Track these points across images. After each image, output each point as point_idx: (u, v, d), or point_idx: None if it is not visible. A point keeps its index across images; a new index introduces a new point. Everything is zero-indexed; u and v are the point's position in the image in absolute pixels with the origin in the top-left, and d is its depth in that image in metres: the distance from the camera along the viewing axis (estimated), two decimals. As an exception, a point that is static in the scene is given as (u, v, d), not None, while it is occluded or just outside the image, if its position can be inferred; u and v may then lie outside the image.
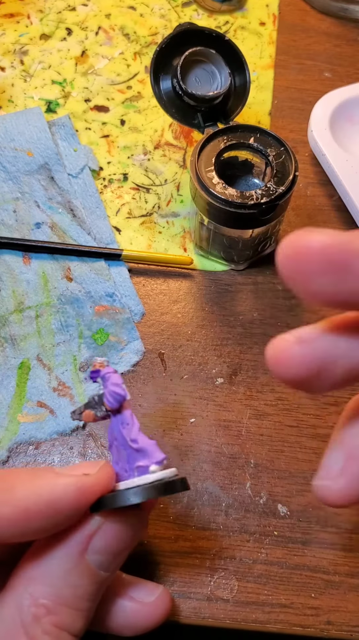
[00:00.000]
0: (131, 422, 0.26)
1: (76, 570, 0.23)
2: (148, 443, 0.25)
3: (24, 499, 0.22)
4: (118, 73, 0.47)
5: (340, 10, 0.51)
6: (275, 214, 0.35)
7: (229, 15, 0.50)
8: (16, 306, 0.37)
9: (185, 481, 0.25)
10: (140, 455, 0.25)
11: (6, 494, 0.22)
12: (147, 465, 0.25)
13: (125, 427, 0.26)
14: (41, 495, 0.22)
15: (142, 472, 0.25)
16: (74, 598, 0.23)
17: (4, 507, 0.22)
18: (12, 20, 0.49)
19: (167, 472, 0.25)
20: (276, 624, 0.30)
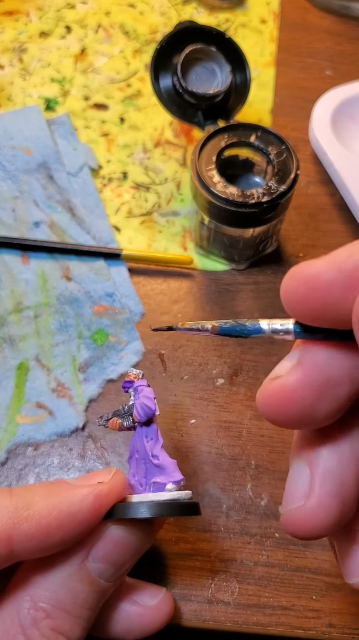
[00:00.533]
0: (155, 437, 0.26)
1: (76, 577, 0.23)
2: (169, 461, 0.26)
3: (45, 515, 0.22)
4: (117, 71, 0.47)
5: (341, 8, 0.50)
6: (276, 213, 0.35)
7: (230, 13, 0.50)
8: (15, 306, 0.37)
9: (197, 506, 0.25)
10: (159, 472, 0.25)
11: (26, 511, 0.22)
12: (164, 483, 0.25)
13: (149, 441, 0.26)
14: (61, 510, 0.22)
15: (157, 488, 0.25)
16: (73, 604, 0.23)
17: (25, 524, 0.22)
18: (11, 18, 0.49)
19: (182, 494, 0.25)
20: (277, 627, 0.30)
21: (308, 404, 0.17)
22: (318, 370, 0.17)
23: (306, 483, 0.19)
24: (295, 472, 0.19)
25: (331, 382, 0.17)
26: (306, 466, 0.19)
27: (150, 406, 0.26)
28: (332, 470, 0.18)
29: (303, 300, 0.16)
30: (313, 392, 0.17)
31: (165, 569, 0.31)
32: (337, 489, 0.18)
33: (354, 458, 0.19)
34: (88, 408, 0.35)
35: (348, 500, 0.18)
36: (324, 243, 0.40)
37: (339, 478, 0.18)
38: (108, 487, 0.24)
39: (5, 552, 0.22)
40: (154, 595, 0.27)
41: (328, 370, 0.17)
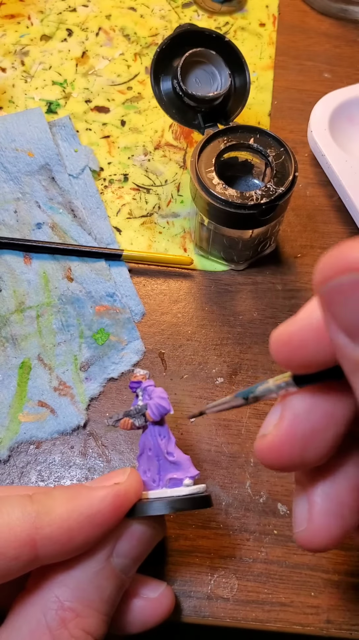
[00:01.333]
0: (168, 435, 0.27)
1: (102, 574, 0.24)
2: (184, 458, 0.27)
3: (66, 519, 0.23)
4: (118, 74, 0.47)
5: (340, 11, 0.51)
6: (275, 215, 0.35)
7: (229, 16, 0.50)
8: (17, 306, 0.37)
9: (210, 498, 0.26)
10: (174, 468, 0.26)
11: (47, 516, 0.23)
12: (181, 479, 0.26)
13: (163, 439, 0.27)
14: (81, 513, 0.23)
15: (174, 484, 0.26)
16: (101, 602, 0.24)
17: (48, 528, 0.22)
18: (13, 21, 0.49)
19: (199, 488, 0.26)
20: (276, 623, 0.30)
21: (296, 455, 0.19)
22: (300, 424, 0.19)
23: (305, 510, 0.20)
24: (297, 499, 0.21)
25: (315, 431, 0.18)
26: (304, 495, 0.21)
27: (165, 406, 0.26)
28: (329, 493, 0.20)
29: (290, 357, 0.18)
30: (298, 444, 0.19)
31: (164, 566, 0.31)
32: (334, 509, 0.20)
33: (349, 478, 0.20)
34: (90, 406, 0.35)
35: (347, 516, 0.20)
36: (322, 244, 0.41)
37: (336, 499, 0.20)
38: (125, 487, 0.24)
39: (30, 557, 0.22)
40: (155, 588, 0.28)
41: (310, 420, 0.19)
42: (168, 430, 0.27)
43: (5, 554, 0.22)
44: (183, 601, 0.30)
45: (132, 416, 0.27)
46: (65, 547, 0.23)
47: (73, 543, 0.23)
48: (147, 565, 0.31)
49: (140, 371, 0.27)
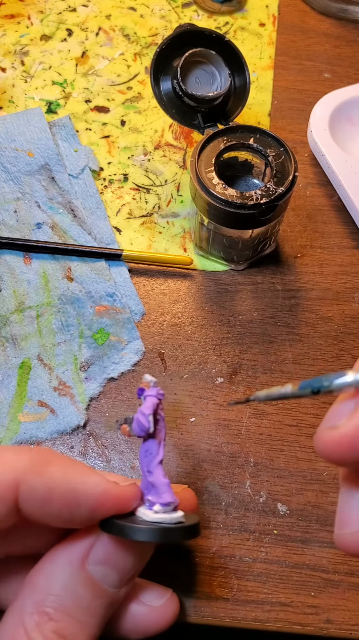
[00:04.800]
0: (154, 452, 0.25)
1: (77, 580, 0.24)
2: (162, 481, 0.25)
3: (54, 479, 0.23)
4: (118, 74, 0.47)
5: (340, 11, 0.51)
6: (275, 215, 0.35)
7: (229, 16, 0.50)
8: (17, 306, 0.37)
9: (189, 530, 0.24)
10: (152, 489, 0.25)
11: (40, 467, 0.23)
12: (153, 502, 0.25)
13: (148, 456, 0.25)
14: (70, 482, 0.23)
15: (150, 506, 0.25)
16: (77, 609, 0.23)
17: (35, 478, 0.22)
18: (13, 21, 0.49)
19: (169, 517, 0.24)
20: (275, 623, 0.30)
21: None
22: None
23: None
24: (348, 499, 0.21)
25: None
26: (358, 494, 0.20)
27: (144, 423, 0.25)
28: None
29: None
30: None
31: (164, 566, 0.31)
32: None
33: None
34: (90, 406, 0.35)
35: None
36: (322, 244, 0.41)
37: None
38: (119, 491, 0.24)
39: (11, 499, 0.22)
40: (160, 595, 0.27)
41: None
42: (158, 447, 0.25)
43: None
44: (183, 601, 0.30)
45: (129, 423, 0.26)
46: (42, 505, 0.23)
47: (49, 506, 0.23)
48: (145, 565, 0.31)
49: (147, 377, 0.26)
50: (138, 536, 0.23)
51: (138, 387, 0.26)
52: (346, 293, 0.39)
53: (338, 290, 0.39)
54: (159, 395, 0.26)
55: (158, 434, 0.25)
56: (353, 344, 0.37)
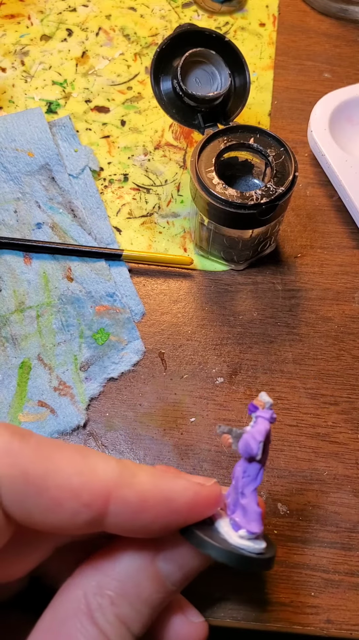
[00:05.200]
0: (254, 476, 0.25)
1: (144, 572, 0.24)
2: (254, 509, 0.24)
3: (146, 489, 0.22)
4: (118, 74, 0.47)
5: (340, 11, 0.51)
6: (275, 214, 0.35)
7: (229, 16, 0.51)
8: (17, 306, 0.37)
9: (268, 562, 0.24)
10: (242, 511, 0.25)
11: (129, 478, 0.22)
12: (239, 526, 0.24)
13: (245, 478, 0.25)
14: (161, 491, 0.22)
15: (235, 526, 0.24)
16: (137, 598, 0.23)
17: (127, 489, 0.22)
18: (13, 21, 0.49)
19: (252, 546, 0.24)
20: (276, 623, 0.30)
21: None
22: None
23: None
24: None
25: None
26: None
27: (253, 448, 0.24)
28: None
29: None
30: None
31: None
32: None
33: None
34: (90, 406, 0.35)
35: None
36: (322, 244, 0.41)
37: None
38: (208, 491, 0.24)
39: (100, 511, 0.22)
40: (198, 614, 0.27)
41: None
42: (258, 472, 0.25)
43: (79, 497, 0.21)
44: (183, 601, 0.31)
45: (233, 436, 0.25)
46: (134, 518, 0.22)
47: (142, 517, 0.22)
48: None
49: (264, 396, 0.25)
50: (219, 556, 0.23)
51: (251, 402, 0.25)
52: (346, 293, 0.39)
53: (338, 290, 0.39)
54: (272, 420, 0.25)
55: (262, 459, 0.25)
56: (353, 344, 0.37)
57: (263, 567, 0.25)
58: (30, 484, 0.21)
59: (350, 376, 0.36)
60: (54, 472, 0.21)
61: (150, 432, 0.34)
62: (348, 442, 0.35)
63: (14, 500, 0.21)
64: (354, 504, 0.33)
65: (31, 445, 0.22)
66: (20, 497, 0.21)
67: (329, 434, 0.35)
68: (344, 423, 0.35)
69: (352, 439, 0.35)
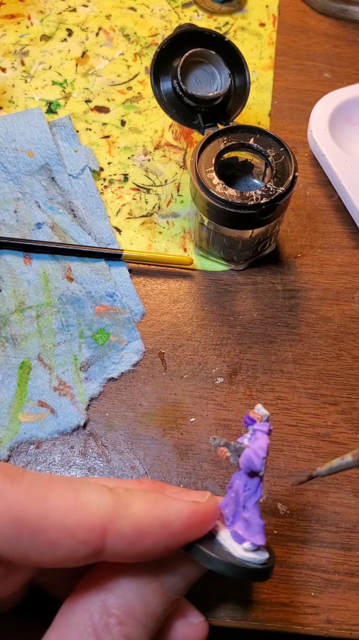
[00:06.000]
0: (254, 489, 0.25)
1: (149, 587, 0.24)
2: (257, 522, 0.25)
3: (141, 518, 0.22)
4: (118, 74, 0.47)
5: (340, 11, 0.51)
6: (275, 215, 0.35)
7: (229, 16, 0.51)
8: (17, 306, 0.37)
9: (269, 571, 0.25)
10: (244, 525, 0.25)
11: (124, 510, 0.22)
12: (243, 539, 0.25)
13: (246, 491, 0.25)
14: (157, 517, 0.23)
15: (238, 539, 0.25)
16: (144, 614, 0.23)
17: (122, 521, 0.22)
18: (13, 21, 0.49)
19: (257, 558, 0.24)
20: (276, 623, 0.30)
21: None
22: None
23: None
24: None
25: None
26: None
27: (256, 464, 0.24)
28: None
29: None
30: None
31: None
32: None
33: None
34: (90, 406, 0.35)
35: None
36: (322, 244, 0.41)
37: None
38: (204, 508, 0.24)
39: (97, 546, 0.22)
40: (198, 615, 0.28)
41: None
42: (259, 486, 0.25)
43: (75, 535, 0.21)
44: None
45: (231, 450, 0.25)
46: (132, 546, 0.22)
47: (140, 545, 0.22)
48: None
49: (260, 409, 0.25)
50: (227, 571, 0.23)
51: (247, 415, 0.25)
52: (346, 293, 0.39)
53: (338, 290, 0.39)
54: (270, 432, 0.25)
55: (262, 474, 0.25)
56: (353, 344, 0.37)
57: (268, 576, 0.25)
58: (24, 528, 0.21)
59: (350, 376, 0.36)
60: (48, 513, 0.21)
61: (150, 432, 0.34)
62: (348, 442, 0.35)
63: (8, 545, 0.21)
64: (354, 504, 0.33)
65: (23, 487, 0.22)
66: (15, 542, 0.21)
67: (329, 434, 0.35)
68: (344, 423, 0.35)
69: (352, 439, 0.35)
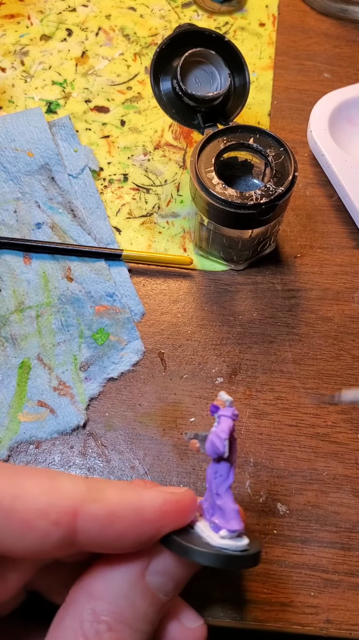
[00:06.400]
0: (225, 475, 0.25)
1: (137, 590, 0.24)
2: (231, 507, 0.25)
3: (114, 503, 0.23)
4: (118, 74, 0.47)
5: (339, 11, 0.51)
6: (274, 214, 0.35)
7: (229, 16, 0.50)
8: (17, 306, 0.37)
9: (253, 558, 0.24)
10: (219, 513, 0.25)
11: (97, 494, 0.23)
12: (220, 527, 0.24)
13: (218, 478, 0.25)
14: (130, 503, 0.23)
15: (215, 528, 0.25)
16: (134, 618, 0.23)
17: (94, 505, 0.22)
18: (13, 21, 0.49)
19: (235, 544, 0.24)
20: (275, 623, 0.30)
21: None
22: None
23: None
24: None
25: None
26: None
27: (219, 447, 0.24)
28: None
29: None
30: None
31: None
32: None
33: None
34: (89, 406, 0.35)
35: None
36: (322, 244, 0.41)
37: None
38: (178, 497, 0.24)
39: (69, 529, 0.22)
40: (195, 619, 0.27)
41: None
42: (228, 470, 0.25)
43: (48, 516, 0.22)
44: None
45: (199, 440, 0.25)
46: (104, 531, 0.22)
47: (113, 530, 0.22)
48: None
49: (223, 395, 0.25)
50: (204, 560, 0.23)
51: (212, 404, 0.25)
52: (346, 293, 0.39)
53: (338, 290, 0.39)
54: (234, 417, 0.25)
55: (231, 456, 0.25)
56: (353, 344, 0.37)
57: (249, 563, 0.24)
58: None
59: (350, 376, 0.36)
60: (21, 495, 0.22)
61: (149, 432, 0.34)
62: (347, 442, 0.35)
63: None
64: (354, 504, 0.33)
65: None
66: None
67: (329, 434, 0.35)
68: (344, 423, 0.35)
69: (352, 439, 0.35)
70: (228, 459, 0.25)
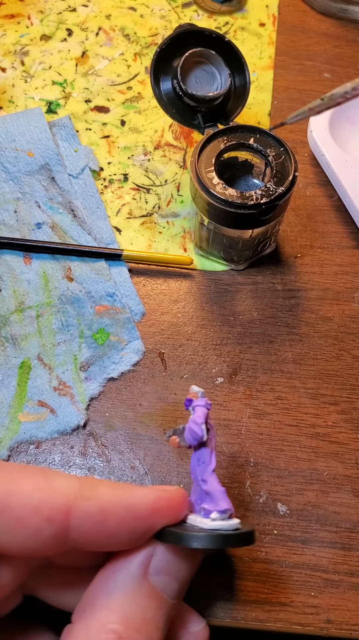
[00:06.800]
0: (207, 461, 0.26)
1: (141, 592, 0.24)
2: (217, 489, 0.25)
3: (106, 500, 0.23)
4: (118, 74, 0.47)
5: (340, 11, 0.51)
6: (275, 214, 0.35)
7: (229, 16, 0.51)
8: (17, 306, 0.37)
9: (247, 536, 0.25)
10: (207, 498, 0.25)
11: (89, 491, 0.23)
12: (210, 510, 0.25)
13: (201, 465, 0.26)
14: (122, 499, 0.23)
15: (206, 514, 0.25)
16: (143, 622, 0.23)
17: (87, 502, 0.23)
18: (13, 21, 0.49)
19: (227, 524, 0.25)
20: (275, 623, 0.30)
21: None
22: None
23: None
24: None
25: None
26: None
27: (197, 432, 0.25)
28: None
29: None
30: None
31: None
32: None
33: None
34: (90, 406, 0.35)
35: None
36: (322, 244, 0.41)
37: None
38: (169, 494, 0.24)
39: (62, 525, 0.22)
40: (198, 622, 0.27)
41: None
42: (210, 455, 0.26)
43: (41, 512, 0.22)
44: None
45: (179, 435, 0.26)
46: (97, 528, 0.23)
47: (105, 527, 0.23)
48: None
49: (194, 388, 0.26)
50: (198, 543, 0.23)
51: (186, 398, 0.26)
52: (346, 293, 0.39)
53: (338, 290, 0.39)
54: (207, 405, 0.26)
55: (210, 442, 0.26)
56: (353, 344, 0.37)
57: (243, 540, 0.25)
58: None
59: (350, 376, 0.36)
60: (15, 491, 0.22)
61: (150, 432, 0.34)
62: (347, 442, 0.35)
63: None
64: (354, 504, 0.33)
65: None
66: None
67: (329, 434, 0.35)
68: (344, 423, 0.35)
69: (352, 439, 0.35)
70: (208, 444, 0.26)
